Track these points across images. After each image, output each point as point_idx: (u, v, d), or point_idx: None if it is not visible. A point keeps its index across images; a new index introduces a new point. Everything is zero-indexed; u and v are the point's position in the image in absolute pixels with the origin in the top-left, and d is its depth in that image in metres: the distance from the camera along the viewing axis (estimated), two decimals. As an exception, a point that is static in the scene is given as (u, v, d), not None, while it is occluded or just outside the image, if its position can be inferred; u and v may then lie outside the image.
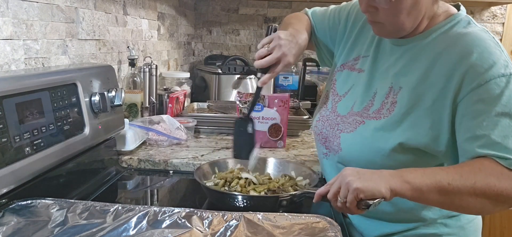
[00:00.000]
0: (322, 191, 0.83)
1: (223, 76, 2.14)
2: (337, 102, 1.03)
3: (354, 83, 1.01)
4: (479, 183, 0.75)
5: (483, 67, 0.79)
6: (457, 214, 0.96)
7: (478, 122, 0.79)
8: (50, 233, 0.72)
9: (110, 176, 1.17)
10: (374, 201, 0.75)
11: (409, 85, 0.88)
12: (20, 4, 0.99)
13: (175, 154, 1.29)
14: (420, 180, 0.76)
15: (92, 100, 1.05)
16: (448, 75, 0.82)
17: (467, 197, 0.76)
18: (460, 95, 0.81)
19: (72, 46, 1.23)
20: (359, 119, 0.94)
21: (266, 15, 2.62)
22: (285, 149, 1.43)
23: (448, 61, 0.83)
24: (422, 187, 0.76)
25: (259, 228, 0.73)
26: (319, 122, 1.06)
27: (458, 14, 0.90)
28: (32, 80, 0.86)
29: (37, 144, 0.84)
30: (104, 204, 0.79)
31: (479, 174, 0.76)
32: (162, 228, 0.73)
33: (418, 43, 0.90)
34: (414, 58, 0.90)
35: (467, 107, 0.81)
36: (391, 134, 0.88)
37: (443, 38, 0.87)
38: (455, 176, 0.76)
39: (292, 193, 0.93)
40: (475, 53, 0.80)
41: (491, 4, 2.38)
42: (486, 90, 0.78)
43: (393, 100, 0.90)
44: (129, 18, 1.62)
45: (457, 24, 0.88)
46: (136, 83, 1.56)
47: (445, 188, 0.76)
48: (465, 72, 0.80)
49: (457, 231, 0.96)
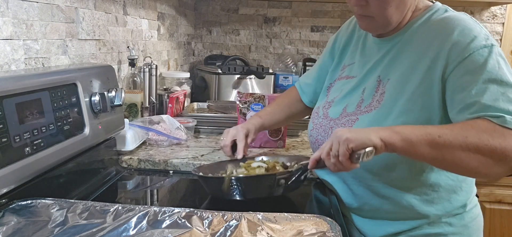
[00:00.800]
0: (315, 156, 0.86)
1: (223, 76, 2.14)
2: (327, 108, 1.06)
3: (342, 88, 1.05)
4: (471, 138, 0.76)
5: (466, 42, 0.83)
6: (460, 212, 0.96)
7: (468, 92, 0.81)
8: (50, 233, 0.72)
9: (110, 176, 1.17)
10: (366, 150, 0.76)
11: (397, 75, 0.92)
12: (20, 4, 0.99)
13: (175, 154, 1.29)
14: (410, 131, 0.78)
15: (92, 100, 1.05)
16: (433, 56, 0.86)
17: (459, 152, 0.76)
18: (446, 72, 0.84)
19: (72, 46, 1.23)
20: (353, 118, 0.97)
21: (266, 15, 2.62)
22: (285, 149, 1.43)
23: (432, 44, 0.87)
24: (412, 138, 0.77)
25: (259, 228, 0.73)
26: (313, 130, 1.08)
27: (435, 4, 0.96)
28: (32, 80, 0.86)
29: (37, 144, 0.84)
30: (104, 204, 0.79)
31: (471, 130, 0.77)
32: (162, 228, 0.73)
33: (403, 35, 0.95)
34: (400, 50, 0.94)
35: (455, 82, 0.83)
36: (384, 123, 0.89)
37: (425, 26, 0.92)
38: (446, 130, 0.78)
39: (289, 170, 0.93)
40: (456, 31, 0.84)
41: (491, 4, 2.38)
42: (471, 62, 0.81)
43: (382, 91, 0.93)
44: (129, 18, 1.62)
45: (436, 12, 0.93)
46: (136, 83, 1.56)
47: (435, 141, 0.77)
48: (449, 50, 0.84)
49: (461, 230, 0.96)
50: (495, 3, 2.33)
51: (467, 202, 0.98)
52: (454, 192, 0.95)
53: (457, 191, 0.96)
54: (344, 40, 1.13)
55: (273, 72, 2.31)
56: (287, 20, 2.61)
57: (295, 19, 2.60)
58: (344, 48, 1.12)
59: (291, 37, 2.63)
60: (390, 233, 0.98)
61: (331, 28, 2.59)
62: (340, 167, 0.81)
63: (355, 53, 1.07)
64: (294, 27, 2.61)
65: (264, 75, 2.18)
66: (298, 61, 2.57)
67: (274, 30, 2.63)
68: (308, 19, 2.59)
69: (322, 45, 2.63)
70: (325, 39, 2.61)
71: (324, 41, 2.61)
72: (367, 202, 0.98)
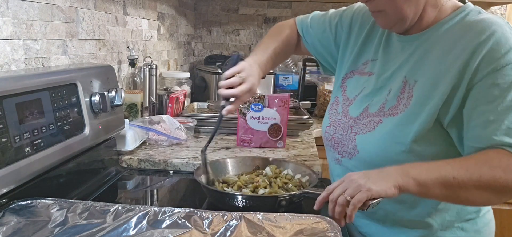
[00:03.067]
0: (324, 196, 0.81)
1: (223, 76, 2.14)
2: (348, 106, 1.01)
3: (364, 86, 1.00)
4: (485, 176, 0.75)
5: (500, 52, 0.78)
6: (474, 217, 0.94)
7: (492, 107, 0.78)
8: (50, 233, 0.72)
9: (110, 176, 1.16)
10: (373, 201, 0.75)
11: (425, 77, 0.87)
12: (20, 4, 0.99)
13: (175, 154, 1.29)
14: (425, 175, 0.76)
15: (92, 100, 1.05)
16: (464, 61, 0.81)
17: (472, 190, 0.76)
18: (474, 80, 0.80)
19: (72, 46, 1.23)
20: (376, 119, 0.92)
21: (266, 15, 2.62)
22: (285, 149, 1.43)
23: (464, 47, 0.82)
24: (427, 183, 0.76)
25: (259, 228, 0.73)
26: (330, 127, 1.04)
27: (467, 5, 0.89)
28: (32, 80, 0.86)
29: (37, 144, 0.84)
30: (104, 204, 0.79)
31: (485, 166, 0.75)
32: (162, 228, 0.73)
33: (431, 36, 0.90)
34: (428, 51, 0.89)
35: (481, 92, 0.79)
36: (411, 127, 0.86)
37: (457, 27, 0.87)
38: (460, 170, 0.76)
39: (291, 193, 0.93)
40: (492, 38, 0.79)
41: (491, 4, 2.38)
42: (502, 75, 0.77)
43: (409, 95, 0.89)
44: (129, 18, 1.62)
45: (469, 14, 0.87)
46: (136, 83, 1.56)
47: (450, 182, 0.76)
48: (481, 57, 0.79)
49: (473, 235, 0.95)
50: (495, 3, 2.33)
51: (480, 207, 0.95)
52: None
53: None
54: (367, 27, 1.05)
55: (273, 72, 2.31)
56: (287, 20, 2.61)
57: (295, 19, 2.60)
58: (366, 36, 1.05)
59: (291, 37, 2.63)
60: None
61: (331, 28, 2.59)
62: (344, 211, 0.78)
63: (378, 48, 1.01)
64: (294, 27, 2.61)
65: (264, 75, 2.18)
66: (298, 61, 2.57)
67: (274, 30, 2.63)
68: (308, 19, 2.59)
69: (322, 45, 2.62)
70: (325, 39, 2.61)
71: (324, 41, 2.61)
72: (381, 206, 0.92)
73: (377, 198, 0.75)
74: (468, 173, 0.75)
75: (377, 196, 0.75)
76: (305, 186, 1.00)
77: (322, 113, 2.21)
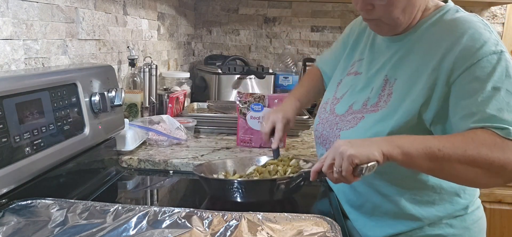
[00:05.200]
0: (316, 167, 0.85)
1: (223, 76, 2.14)
2: (335, 104, 1.06)
3: (351, 85, 1.04)
4: (470, 151, 0.75)
5: (475, 47, 0.81)
6: (462, 214, 0.96)
7: (473, 99, 0.80)
8: (50, 233, 0.72)
9: (110, 176, 1.17)
10: (368, 164, 0.76)
11: (404, 76, 0.91)
12: (20, 4, 0.99)
13: (175, 154, 1.29)
14: (410, 144, 0.78)
15: (92, 100, 1.05)
16: (439, 58, 0.85)
17: (457, 165, 0.77)
18: (453, 76, 0.83)
19: (72, 46, 1.23)
20: (358, 116, 0.96)
21: (266, 15, 2.62)
22: (285, 149, 1.43)
23: (440, 45, 0.86)
24: (412, 152, 0.77)
25: (259, 228, 0.73)
26: (319, 125, 1.09)
27: (446, 5, 0.94)
28: (32, 80, 0.86)
29: (37, 144, 0.84)
30: (104, 204, 0.79)
31: (471, 143, 0.76)
32: (162, 228, 0.73)
33: (412, 36, 0.94)
34: (409, 50, 0.93)
35: (461, 88, 0.82)
36: (388, 123, 0.89)
37: (434, 27, 0.91)
38: (446, 143, 0.77)
39: (289, 176, 0.93)
40: (465, 35, 0.83)
41: (491, 4, 2.38)
42: (479, 68, 0.80)
43: (389, 92, 0.93)
44: (129, 18, 1.62)
45: (447, 13, 0.91)
46: (136, 83, 1.56)
47: (435, 154, 0.77)
48: (457, 54, 0.82)
49: (462, 232, 0.96)
50: (495, 3, 2.33)
51: (469, 204, 0.97)
52: (457, 194, 0.95)
53: (460, 193, 0.95)
54: (357, 32, 1.13)
55: (273, 72, 2.31)
56: (287, 20, 2.61)
57: (295, 19, 2.60)
58: (356, 42, 1.12)
59: (291, 37, 2.63)
60: (390, 234, 0.97)
61: (331, 28, 2.59)
62: (343, 180, 0.81)
63: (365, 49, 1.07)
64: (294, 27, 2.61)
65: (264, 75, 2.18)
66: (298, 61, 2.57)
67: (274, 30, 2.63)
68: (308, 19, 2.59)
69: (322, 45, 2.63)
70: (325, 39, 2.61)
71: (324, 41, 2.62)
72: (369, 199, 0.98)
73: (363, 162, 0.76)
74: (453, 147, 0.76)
75: (363, 160, 0.76)
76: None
77: (322, 113, 2.21)
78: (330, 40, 2.61)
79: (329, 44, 2.62)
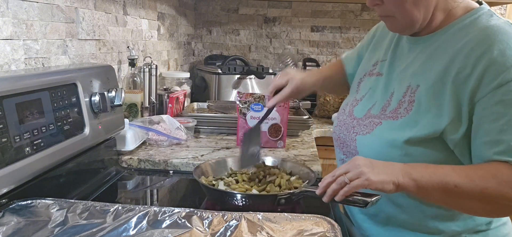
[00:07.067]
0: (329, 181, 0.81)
1: (223, 76, 2.14)
2: (354, 106, 1.01)
3: (371, 86, 0.99)
4: (491, 190, 0.73)
5: (505, 65, 0.74)
6: (484, 229, 0.90)
7: (498, 126, 0.74)
8: (50, 233, 0.72)
9: (110, 176, 1.16)
10: (372, 199, 0.76)
11: (427, 83, 0.84)
12: (20, 4, 0.99)
13: (175, 154, 1.29)
14: (427, 179, 0.75)
15: (92, 100, 1.05)
16: (468, 70, 0.77)
17: (474, 201, 0.75)
18: (478, 94, 0.76)
19: (72, 46, 1.23)
20: (376, 121, 0.91)
21: (266, 15, 2.62)
22: (285, 149, 1.43)
23: (468, 55, 0.78)
24: (427, 187, 0.75)
25: (259, 228, 0.73)
26: (337, 127, 1.04)
27: (480, 8, 0.85)
28: (32, 80, 0.86)
29: (37, 144, 0.84)
30: (104, 204, 0.79)
31: (492, 180, 0.73)
32: (162, 228, 0.73)
33: (436, 39, 0.87)
34: (432, 55, 0.86)
35: (486, 108, 0.76)
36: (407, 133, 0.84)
37: (463, 32, 0.82)
38: (464, 179, 0.74)
39: (290, 191, 0.93)
40: (496, 49, 0.75)
41: (491, 4, 2.38)
42: (507, 91, 0.74)
43: (410, 99, 0.86)
44: (129, 18, 1.62)
45: (479, 18, 0.83)
46: (136, 83, 1.56)
47: (451, 190, 0.75)
48: (485, 68, 0.75)
49: None
50: (495, 3, 2.33)
51: (493, 219, 0.90)
52: None
53: None
54: (381, 29, 1.08)
55: (273, 72, 2.31)
56: (287, 20, 2.61)
57: (295, 19, 2.61)
58: (380, 40, 1.06)
59: (291, 37, 2.63)
60: None
61: (331, 28, 2.59)
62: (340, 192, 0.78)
63: (388, 49, 1.00)
64: (294, 27, 2.61)
65: (264, 75, 2.18)
66: (298, 61, 2.57)
67: (274, 30, 2.63)
68: (308, 19, 2.60)
69: (322, 45, 2.63)
70: (325, 39, 2.61)
71: (324, 41, 2.62)
72: (383, 209, 0.93)
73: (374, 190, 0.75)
74: (472, 184, 0.74)
75: (374, 187, 0.75)
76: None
77: (322, 113, 2.21)
78: (330, 40, 2.61)
79: (329, 44, 2.63)
